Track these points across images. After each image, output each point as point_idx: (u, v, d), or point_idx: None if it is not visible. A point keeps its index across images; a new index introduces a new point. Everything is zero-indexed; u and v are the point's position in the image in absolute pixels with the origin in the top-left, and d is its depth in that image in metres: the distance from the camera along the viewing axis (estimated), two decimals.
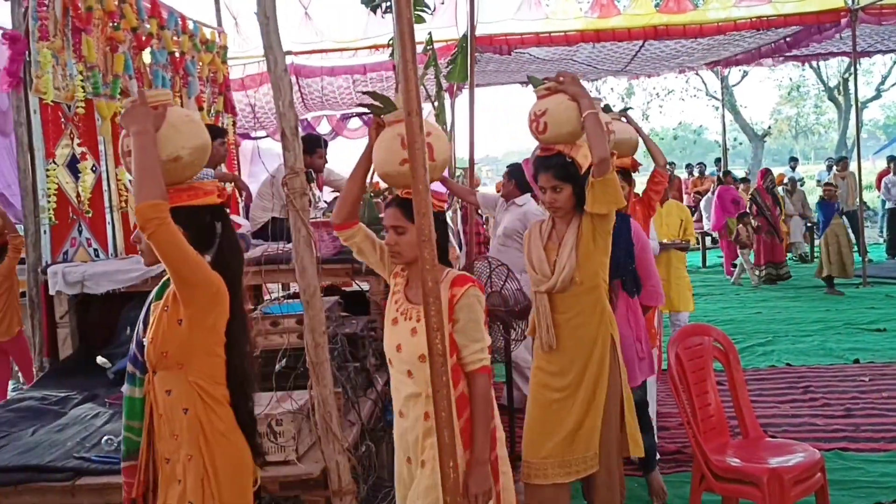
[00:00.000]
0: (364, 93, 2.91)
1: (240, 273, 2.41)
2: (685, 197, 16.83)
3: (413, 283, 2.77)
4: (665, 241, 6.11)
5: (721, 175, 13.93)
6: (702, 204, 13.50)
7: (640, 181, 5.08)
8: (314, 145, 5.88)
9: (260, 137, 13.17)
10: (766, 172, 12.68)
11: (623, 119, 4.50)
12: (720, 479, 3.32)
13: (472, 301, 2.62)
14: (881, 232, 15.85)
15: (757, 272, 11.55)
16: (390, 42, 6.99)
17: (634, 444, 3.27)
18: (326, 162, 6.06)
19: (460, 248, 8.15)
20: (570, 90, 3.20)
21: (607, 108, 4.27)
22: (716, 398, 3.64)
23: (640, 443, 3.28)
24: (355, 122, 13.95)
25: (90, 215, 5.18)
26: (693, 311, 6.33)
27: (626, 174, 4.28)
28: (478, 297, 2.65)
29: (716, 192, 12.72)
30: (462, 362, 2.62)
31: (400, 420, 2.76)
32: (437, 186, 4.95)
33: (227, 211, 2.43)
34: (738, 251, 11.85)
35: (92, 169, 5.20)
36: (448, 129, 8.09)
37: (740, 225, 11.66)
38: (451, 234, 7.32)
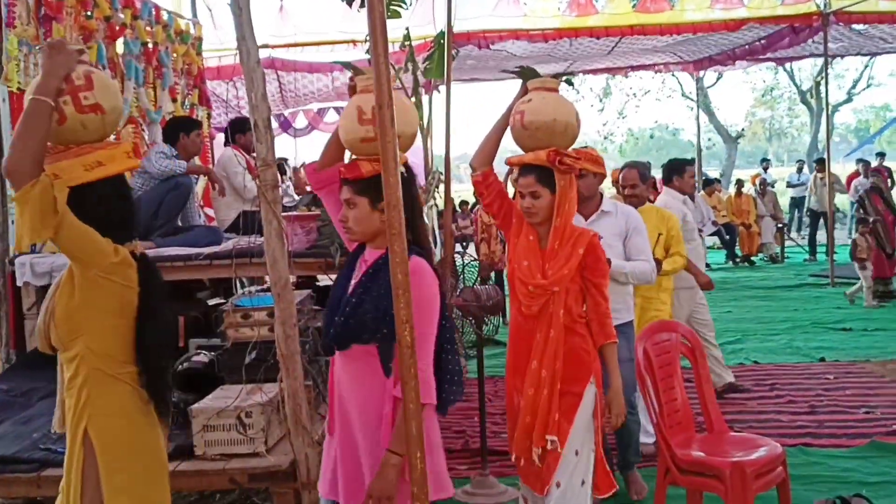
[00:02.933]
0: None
1: None
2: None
3: None
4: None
5: None
6: None
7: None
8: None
9: None
10: (879, 171, 11.11)
11: (553, 89, 3.07)
12: (685, 473, 3.37)
13: None
14: (850, 234, 16.11)
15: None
16: (367, 38, 7.00)
17: None
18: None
19: (436, 245, 8.17)
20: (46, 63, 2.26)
21: (530, 73, 3.19)
22: (682, 394, 3.69)
23: None
24: (332, 116, 13.92)
25: None
26: None
27: (545, 175, 2.97)
28: None
29: None
30: None
31: None
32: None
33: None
34: (857, 268, 9.59)
35: None
36: (426, 125, 8.11)
37: (858, 235, 9.66)
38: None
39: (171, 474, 3.13)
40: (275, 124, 12.36)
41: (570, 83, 3.44)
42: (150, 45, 6.44)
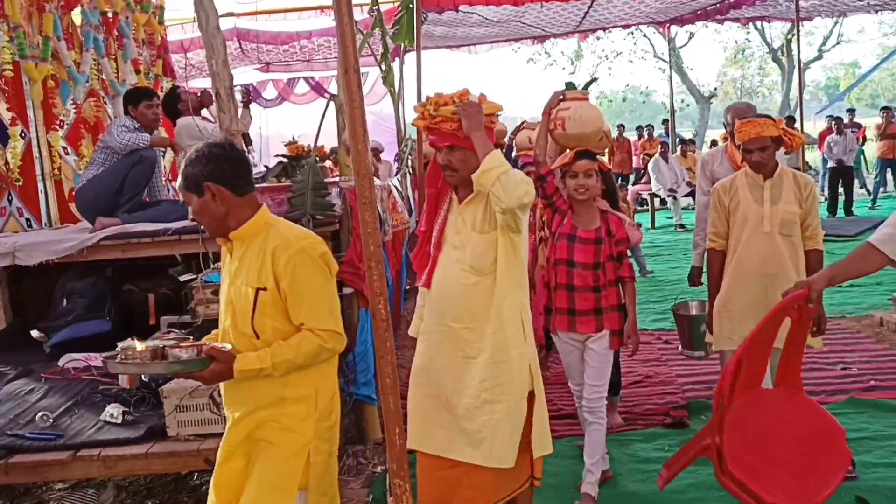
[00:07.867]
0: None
1: None
2: (634, 159, 16.98)
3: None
4: None
5: None
6: (650, 165, 13.59)
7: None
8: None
9: None
10: None
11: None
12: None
13: None
14: (822, 190, 16.21)
15: None
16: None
17: None
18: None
19: (409, 214, 8.08)
20: None
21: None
22: None
23: None
24: (302, 87, 13.67)
25: (20, 183, 4.98)
26: None
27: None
28: None
29: None
30: None
31: None
32: None
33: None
34: None
35: (21, 135, 4.99)
36: (396, 91, 7.97)
37: None
38: (400, 199, 7.22)
39: (144, 456, 3.08)
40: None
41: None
42: (110, 15, 6.23)
